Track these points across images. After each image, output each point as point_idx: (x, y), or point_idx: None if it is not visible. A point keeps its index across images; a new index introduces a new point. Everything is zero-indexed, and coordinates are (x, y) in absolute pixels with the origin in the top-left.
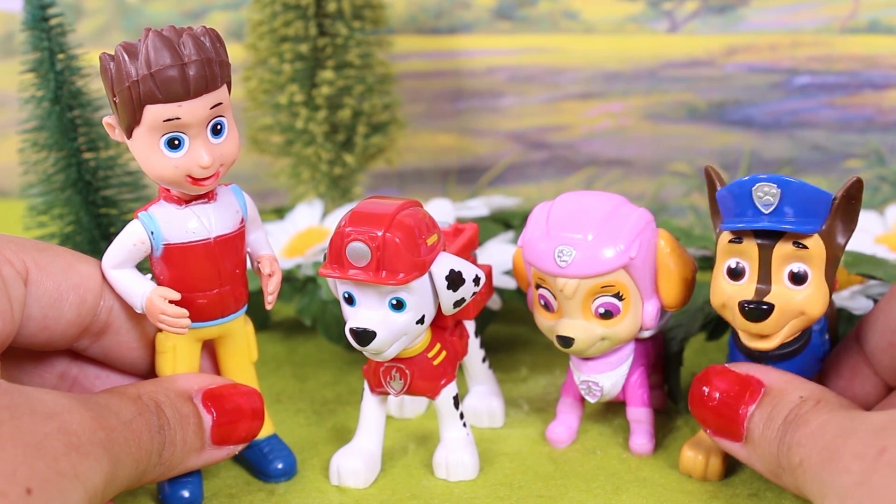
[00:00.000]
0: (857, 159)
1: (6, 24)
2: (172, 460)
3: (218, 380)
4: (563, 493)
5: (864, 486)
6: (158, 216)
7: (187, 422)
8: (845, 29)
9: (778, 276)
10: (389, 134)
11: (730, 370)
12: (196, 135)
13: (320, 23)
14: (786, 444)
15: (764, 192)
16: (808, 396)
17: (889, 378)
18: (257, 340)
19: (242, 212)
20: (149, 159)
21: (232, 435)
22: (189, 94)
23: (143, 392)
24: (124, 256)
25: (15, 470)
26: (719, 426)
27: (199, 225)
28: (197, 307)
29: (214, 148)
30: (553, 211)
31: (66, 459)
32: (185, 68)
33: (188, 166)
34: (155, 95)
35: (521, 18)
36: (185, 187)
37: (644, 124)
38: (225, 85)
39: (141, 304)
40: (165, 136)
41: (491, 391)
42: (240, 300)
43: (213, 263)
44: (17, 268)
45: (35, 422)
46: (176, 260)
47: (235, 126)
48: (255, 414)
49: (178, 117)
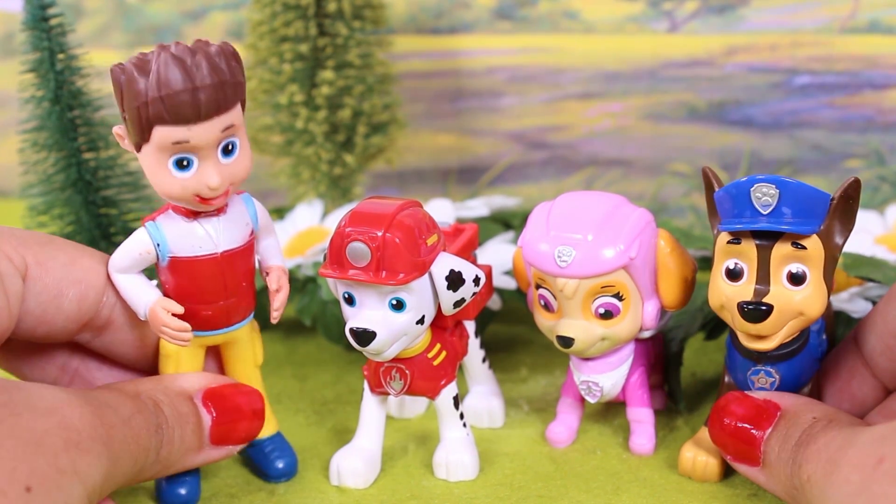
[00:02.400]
0: (857, 159)
1: (6, 24)
2: (170, 459)
3: (219, 379)
4: (563, 493)
5: (863, 495)
6: (166, 228)
7: (186, 421)
8: (845, 29)
9: (776, 277)
10: (389, 134)
11: (748, 396)
12: (206, 156)
13: (320, 23)
14: (797, 464)
15: (762, 192)
16: (820, 417)
17: (887, 380)
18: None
19: (253, 223)
20: (156, 177)
21: (231, 435)
22: (200, 118)
23: (142, 390)
24: (130, 262)
25: (14, 468)
26: (738, 451)
27: (206, 239)
28: (202, 318)
29: (224, 168)
30: (553, 211)
31: (65, 456)
32: (196, 92)
33: (197, 187)
34: (164, 118)
35: (521, 18)
36: (194, 205)
37: (644, 124)
38: (239, 104)
39: (144, 312)
40: (174, 157)
41: (491, 391)
42: (247, 310)
43: (219, 277)
44: (15, 263)
45: (35, 418)
46: (182, 272)
47: (248, 143)
48: (255, 414)
49: (187, 140)
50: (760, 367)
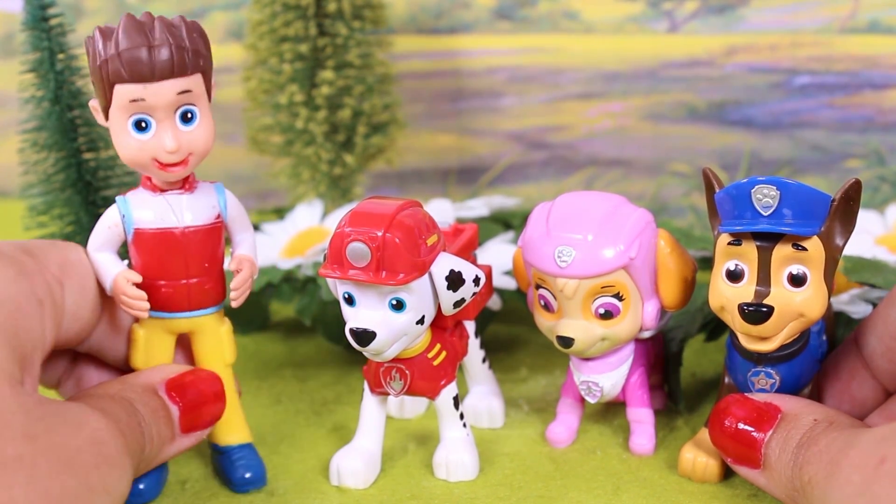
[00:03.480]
0: (857, 159)
1: (6, 24)
2: (151, 455)
3: (177, 368)
4: (563, 493)
5: (865, 496)
6: (132, 201)
7: (158, 415)
8: (845, 29)
9: (777, 278)
10: (389, 134)
11: (749, 399)
12: (162, 118)
13: (320, 23)
14: (798, 466)
15: (763, 194)
16: (821, 419)
17: (887, 382)
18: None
19: (221, 210)
20: (118, 140)
21: (198, 421)
22: (154, 77)
23: (113, 392)
24: (102, 239)
25: (48, 489)
26: (739, 454)
27: (168, 212)
28: (163, 296)
29: (182, 135)
30: (553, 211)
31: (96, 473)
32: (151, 50)
33: (154, 149)
34: (121, 75)
35: (521, 18)
36: (154, 172)
37: (644, 124)
38: (199, 74)
39: (109, 285)
40: (133, 118)
41: (491, 391)
42: (210, 296)
43: (180, 253)
44: (54, 273)
45: (68, 434)
46: (145, 246)
47: (211, 117)
48: (216, 396)
49: (142, 98)
50: (761, 369)
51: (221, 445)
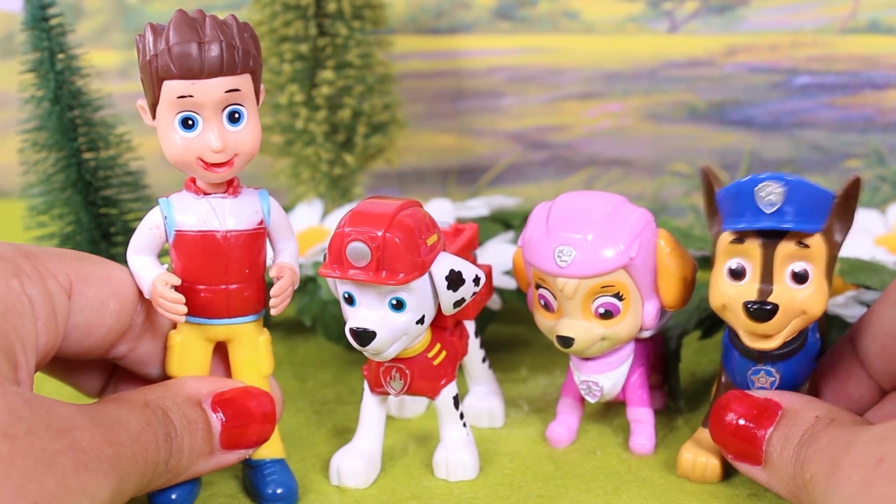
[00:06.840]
0: (857, 159)
1: (6, 24)
2: (179, 467)
3: (228, 382)
4: (563, 493)
5: (864, 495)
6: (175, 203)
7: (195, 428)
8: (845, 29)
9: (780, 276)
10: (389, 134)
11: (749, 395)
12: (210, 117)
13: (320, 23)
14: (800, 463)
15: (768, 190)
16: (822, 415)
17: (882, 381)
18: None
19: (264, 216)
20: (165, 138)
21: (242, 439)
22: (203, 73)
23: (149, 398)
24: (143, 242)
25: (23, 486)
26: (739, 450)
27: (211, 215)
28: (201, 300)
29: (229, 134)
30: (553, 211)
31: (74, 476)
32: (202, 46)
33: (199, 148)
34: (171, 70)
35: (521, 18)
36: (199, 173)
37: (644, 124)
38: (248, 75)
39: (148, 287)
40: (180, 115)
41: (491, 391)
42: (249, 303)
43: (220, 258)
44: (60, 280)
45: (49, 437)
46: (185, 249)
47: (258, 121)
48: (265, 417)
49: (191, 95)
50: (761, 367)
51: (253, 459)
